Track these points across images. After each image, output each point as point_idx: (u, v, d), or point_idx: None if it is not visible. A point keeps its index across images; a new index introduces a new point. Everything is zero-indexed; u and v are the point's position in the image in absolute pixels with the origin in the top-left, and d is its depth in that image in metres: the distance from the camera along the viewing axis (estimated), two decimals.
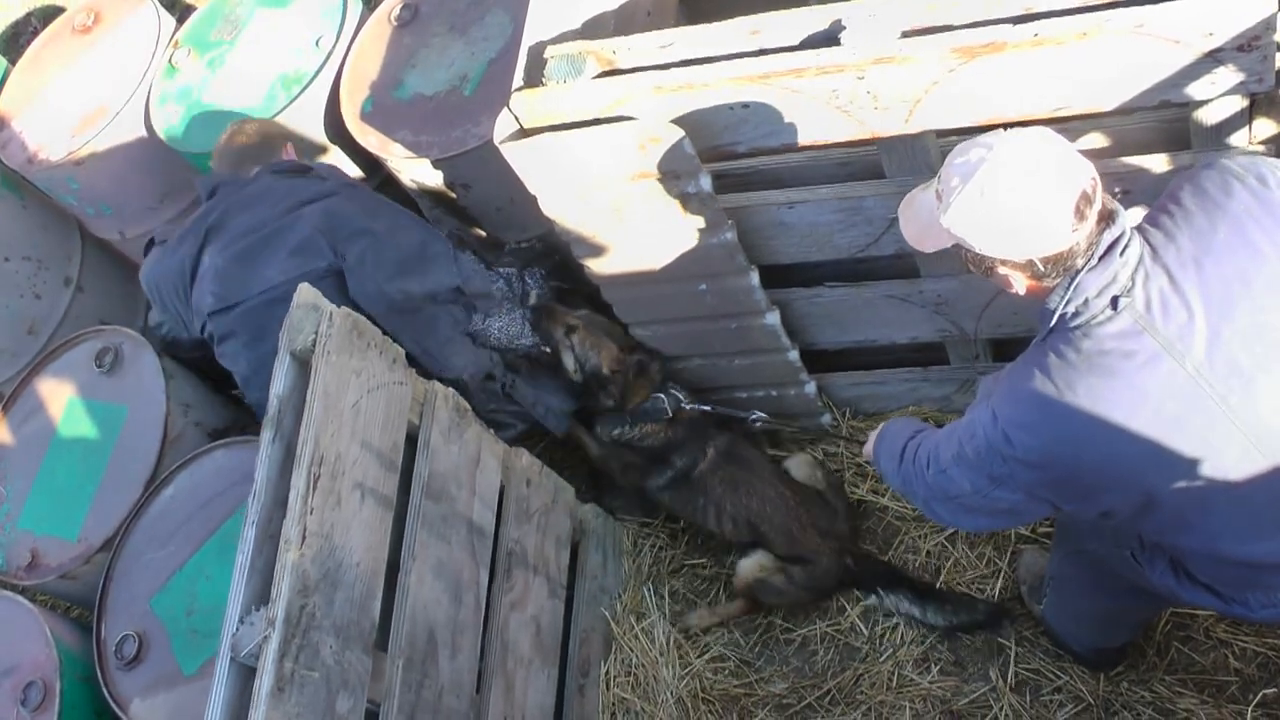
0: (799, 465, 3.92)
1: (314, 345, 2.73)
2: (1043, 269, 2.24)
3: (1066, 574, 3.18)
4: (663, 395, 3.74)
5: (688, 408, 3.77)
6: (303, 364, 2.77)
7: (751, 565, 3.78)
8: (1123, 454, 2.28)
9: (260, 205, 3.58)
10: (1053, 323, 2.30)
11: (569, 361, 3.74)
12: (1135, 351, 2.24)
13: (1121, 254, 2.23)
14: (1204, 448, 2.27)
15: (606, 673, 3.86)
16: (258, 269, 3.50)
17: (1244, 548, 2.41)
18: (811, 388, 3.82)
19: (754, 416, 3.72)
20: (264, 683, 2.48)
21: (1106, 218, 2.24)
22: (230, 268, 3.53)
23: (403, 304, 3.51)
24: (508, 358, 3.73)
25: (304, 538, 2.58)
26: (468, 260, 3.69)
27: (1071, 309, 2.26)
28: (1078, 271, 2.24)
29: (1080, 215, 2.19)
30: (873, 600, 3.76)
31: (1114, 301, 2.24)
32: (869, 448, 2.99)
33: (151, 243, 3.88)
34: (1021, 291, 2.34)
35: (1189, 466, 2.29)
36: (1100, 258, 2.23)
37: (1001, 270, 2.30)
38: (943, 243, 2.37)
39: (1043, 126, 2.31)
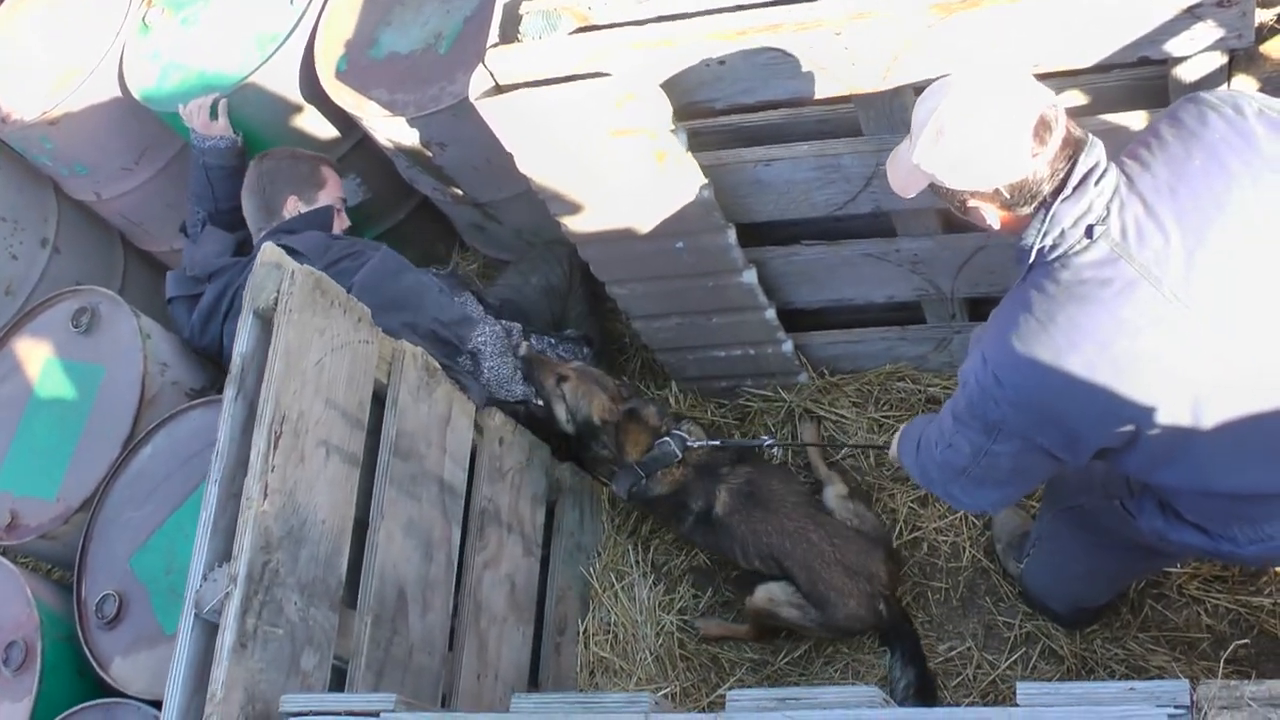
0: (833, 496, 3.73)
1: (276, 303, 2.72)
2: (1009, 197, 2.29)
3: (1054, 532, 3.18)
4: (668, 439, 3.65)
5: (696, 446, 3.67)
6: (266, 322, 2.77)
7: (760, 596, 3.62)
8: (1103, 383, 2.29)
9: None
10: (1031, 258, 2.33)
11: (560, 411, 3.72)
12: (1112, 279, 2.25)
13: (1097, 183, 2.26)
14: (1184, 376, 2.28)
15: (585, 631, 3.87)
16: None
17: (1230, 479, 2.42)
18: (788, 346, 3.81)
19: (766, 444, 3.64)
20: (226, 639, 2.48)
21: (1073, 144, 2.27)
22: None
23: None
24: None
25: (266, 494, 2.58)
26: (460, 299, 3.75)
27: (1049, 241, 2.29)
28: (1053, 202, 2.26)
29: (1040, 139, 2.24)
30: (885, 660, 3.61)
31: (1089, 230, 2.26)
32: (894, 451, 3.01)
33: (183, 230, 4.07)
34: (997, 225, 2.38)
35: (1170, 395, 2.30)
36: (1075, 187, 2.25)
37: (973, 203, 2.35)
38: (921, 183, 2.42)
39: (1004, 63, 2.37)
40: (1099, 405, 2.32)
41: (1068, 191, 2.25)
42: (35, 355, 4.04)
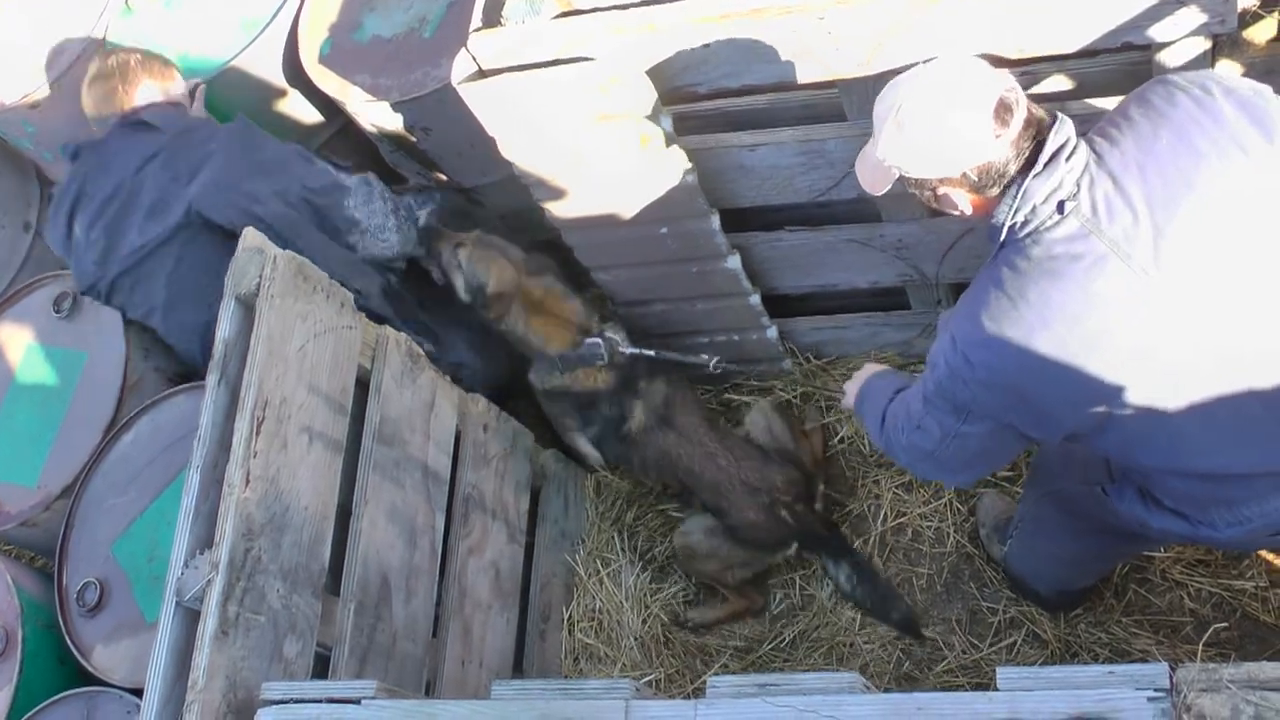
0: (756, 415, 3.84)
1: (258, 289, 2.71)
2: (978, 180, 2.32)
3: (1038, 516, 3.19)
4: (599, 340, 3.57)
5: (627, 352, 3.58)
6: (248, 308, 2.76)
7: (677, 540, 3.78)
8: (1074, 361, 2.30)
9: (115, 167, 3.56)
10: (1002, 236, 2.35)
11: (458, 281, 3.58)
12: (1082, 254, 2.27)
13: (1067, 159, 2.28)
14: (1155, 352, 2.29)
15: (569, 617, 3.87)
16: (123, 235, 3.52)
17: (1203, 459, 2.43)
18: (773, 332, 3.81)
19: (711, 361, 3.55)
20: (208, 625, 2.48)
21: (1035, 124, 2.30)
22: (99, 239, 3.55)
23: (253, 212, 3.34)
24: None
25: (248, 481, 2.57)
26: (324, 165, 3.58)
27: (1020, 218, 2.31)
28: (1023, 179, 2.28)
29: (1001, 121, 2.27)
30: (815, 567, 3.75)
31: (1060, 206, 2.28)
32: (848, 400, 3.02)
33: None
34: (969, 211, 2.40)
35: (1140, 373, 2.31)
36: (1046, 164, 2.28)
37: (942, 190, 2.38)
38: (889, 179, 2.45)
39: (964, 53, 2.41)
40: (1070, 383, 2.33)
41: (1038, 168, 2.28)
42: (16, 341, 4.02)
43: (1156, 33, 2.57)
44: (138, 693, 3.11)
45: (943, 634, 3.57)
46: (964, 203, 2.39)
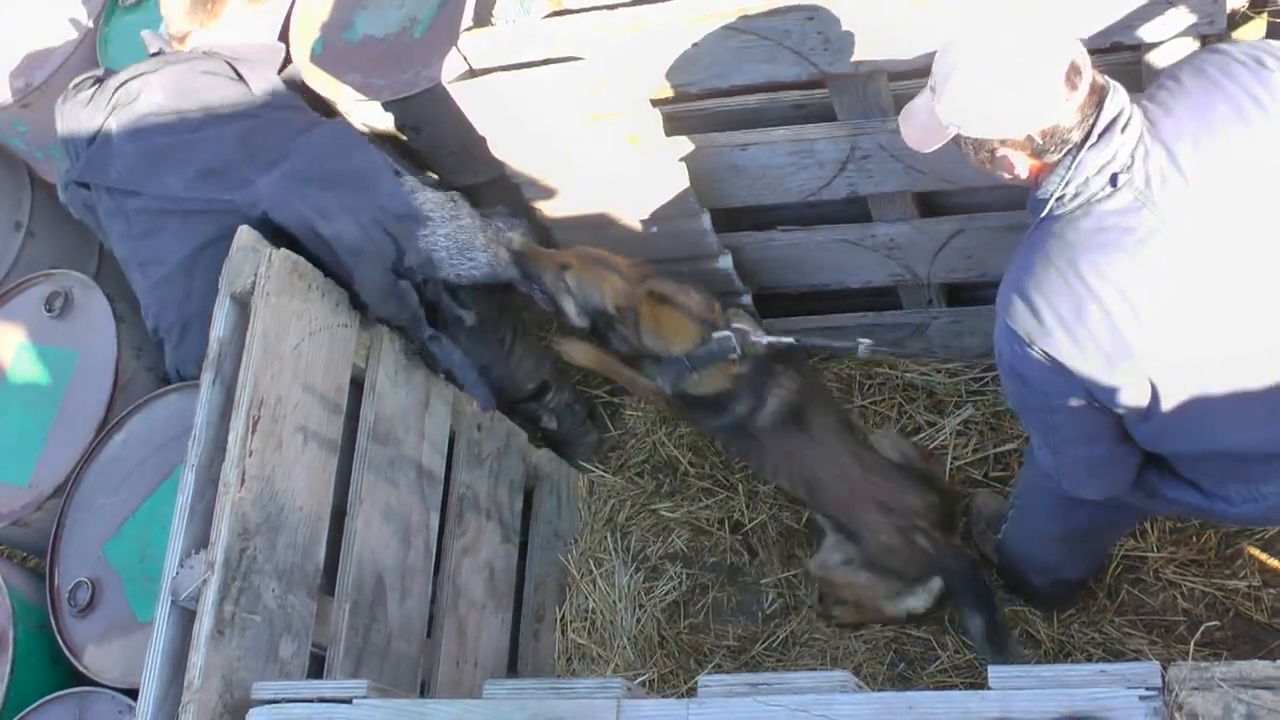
0: (880, 438, 3.54)
1: (253, 287, 2.71)
2: (1041, 143, 2.27)
3: (1032, 490, 3.14)
4: (728, 333, 3.25)
5: (764, 342, 3.25)
6: (243, 306, 2.76)
7: (813, 567, 3.48)
8: (1124, 331, 2.28)
9: (178, 97, 3.29)
10: (1047, 209, 2.31)
11: (569, 305, 3.34)
12: (1135, 227, 2.25)
13: (1123, 130, 2.24)
14: (1202, 329, 2.28)
15: (562, 618, 3.87)
16: (161, 172, 3.26)
17: (1235, 435, 2.41)
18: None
19: (860, 346, 3.26)
20: (203, 625, 2.48)
21: (1099, 90, 2.25)
22: (138, 158, 3.30)
23: (314, 227, 3.13)
24: (448, 305, 3.38)
25: (243, 480, 2.57)
26: (411, 185, 3.35)
27: (1072, 189, 2.27)
28: (1078, 149, 2.25)
29: (1071, 85, 2.22)
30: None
31: (1114, 179, 2.25)
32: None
33: None
34: (1024, 174, 2.35)
35: (1187, 347, 2.30)
36: (1101, 135, 2.24)
37: (1002, 152, 2.31)
38: (944, 136, 2.37)
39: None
40: (1118, 357, 2.30)
41: (1094, 139, 2.24)
42: (8, 340, 4.00)
43: (1146, 33, 2.58)
44: (130, 693, 3.11)
45: (935, 634, 3.57)
46: (1022, 166, 2.33)
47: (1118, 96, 2.26)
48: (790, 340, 3.27)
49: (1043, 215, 2.33)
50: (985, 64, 2.24)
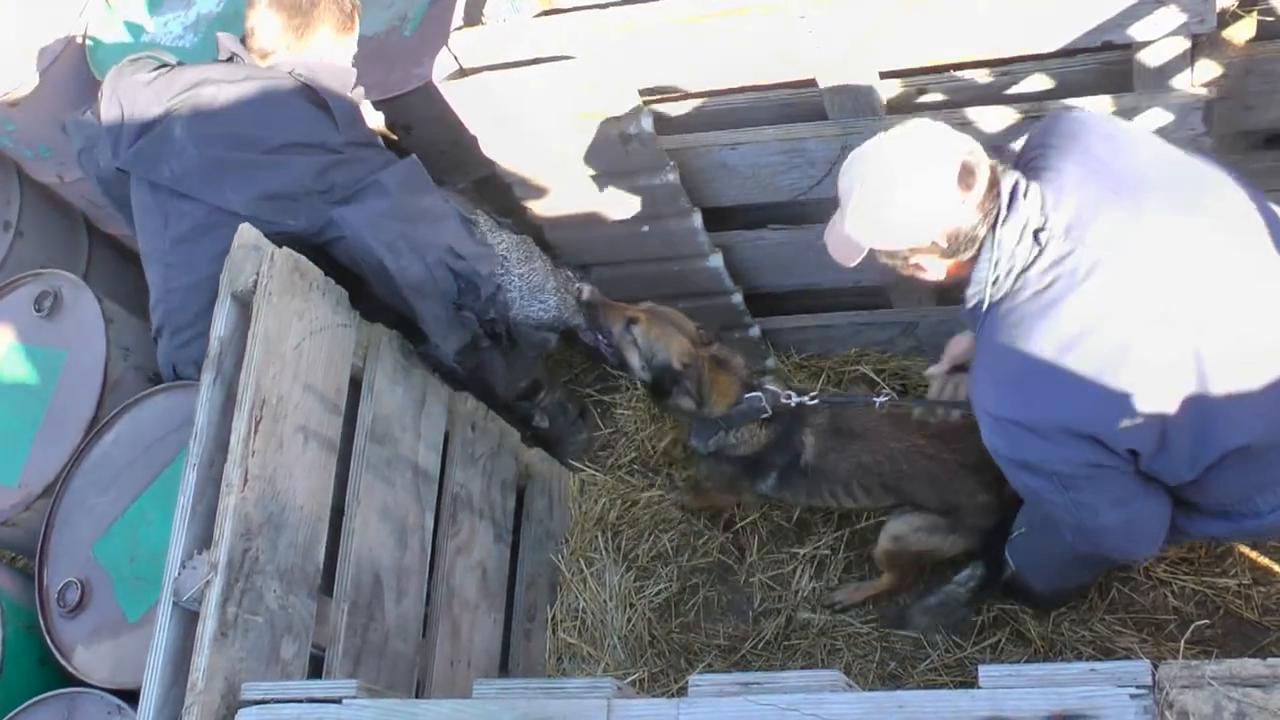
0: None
1: (255, 286, 2.69)
2: (948, 245, 2.34)
3: (1046, 522, 3.12)
4: (759, 393, 3.34)
5: (793, 402, 3.32)
6: (244, 305, 2.74)
7: (885, 540, 3.42)
8: (1104, 372, 2.30)
9: (258, 115, 3.22)
10: (987, 298, 2.35)
11: (634, 358, 3.39)
12: (1075, 268, 2.30)
13: (1025, 196, 2.31)
14: (1168, 342, 2.31)
15: (553, 617, 3.87)
16: (221, 184, 3.20)
17: (1236, 434, 2.42)
18: (755, 331, 3.82)
19: (880, 399, 3.24)
20: (207, 627, 2.46)
21: (996, 183, 2.33)
22: (200, 163, 3.22)
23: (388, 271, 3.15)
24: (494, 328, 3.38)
25: (246, 481, 2.56)
26: (485, 222, 3.42)
27: (1004, 266, 2.32)
28: (993, 230, 2.31)
29: (966, 185, 2.29)
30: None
31: (1036, 236, 2.31)
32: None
33: None
34: (941, 276, 2.42)
35: (1171, 364, 2.32)
36: (1008, 207, 2.31)
37: (914, 259, 2.40)
38: (860, 251, 2.46)
39: (919, 118, 2.44)
40: (1114, 400, 2.32)
41: (1003, 213, 2.31)
42: None
43: (1136, 32, 2.59)
44: (119, 694, 3.10)
45: (925, 632, 3.57)
46: (938, 269, 2.41)
47: (1009, 173, 2.34)
48: (813, 400, 3.32)
49: (984, 309, 2.37)
50: (879, 178, 2.33)
